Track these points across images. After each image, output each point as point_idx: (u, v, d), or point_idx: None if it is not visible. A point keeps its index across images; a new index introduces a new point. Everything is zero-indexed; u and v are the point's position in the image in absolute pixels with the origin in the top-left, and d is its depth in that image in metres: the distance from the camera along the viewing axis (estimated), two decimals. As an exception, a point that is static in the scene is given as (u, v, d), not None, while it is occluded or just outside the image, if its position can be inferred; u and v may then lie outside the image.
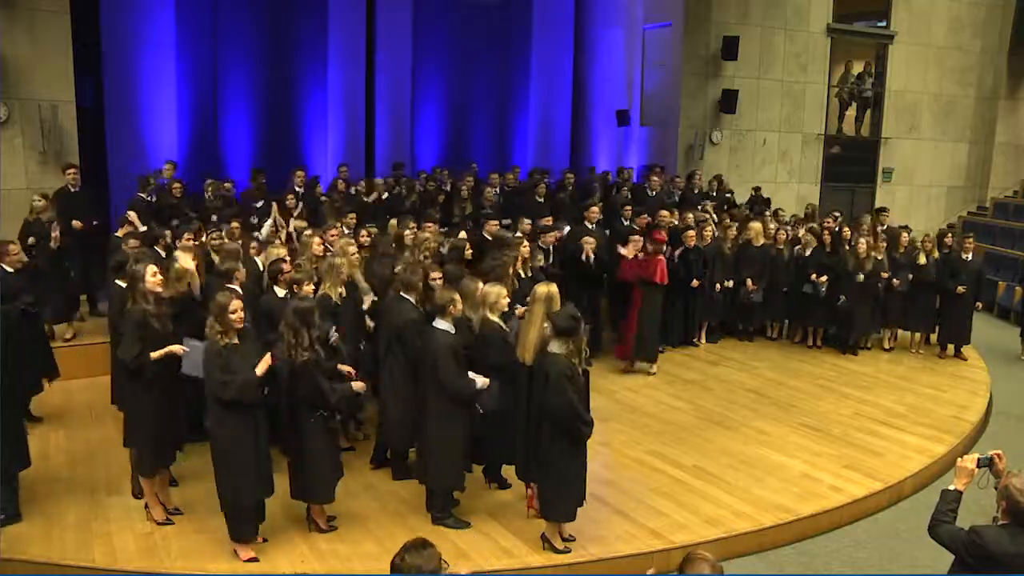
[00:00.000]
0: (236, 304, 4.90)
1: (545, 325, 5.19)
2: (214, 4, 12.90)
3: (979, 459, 3.54)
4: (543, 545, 5.32)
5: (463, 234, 8.48)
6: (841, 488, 6.39)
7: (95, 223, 9.26)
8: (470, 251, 7.78)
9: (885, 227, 11.03)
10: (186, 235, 7.18)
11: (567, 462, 5.09)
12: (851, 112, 16.32)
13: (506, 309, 5.82)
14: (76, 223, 8.83)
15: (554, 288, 5.53)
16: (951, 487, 3.60)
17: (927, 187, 16.92)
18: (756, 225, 10.47)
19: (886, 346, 10.45)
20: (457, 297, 5.49)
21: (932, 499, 6.45)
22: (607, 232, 9.92)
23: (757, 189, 13.60)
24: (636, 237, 8.95)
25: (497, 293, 5.72)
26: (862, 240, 9.84)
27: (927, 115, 16.63)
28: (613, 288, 9.61)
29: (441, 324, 5.39)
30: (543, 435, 5.09)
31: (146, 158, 11.46)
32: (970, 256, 10.20)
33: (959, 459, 3.65)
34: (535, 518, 5.49)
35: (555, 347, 5.00)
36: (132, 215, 8.40)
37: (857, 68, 16.23)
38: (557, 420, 4.98)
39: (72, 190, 9.17)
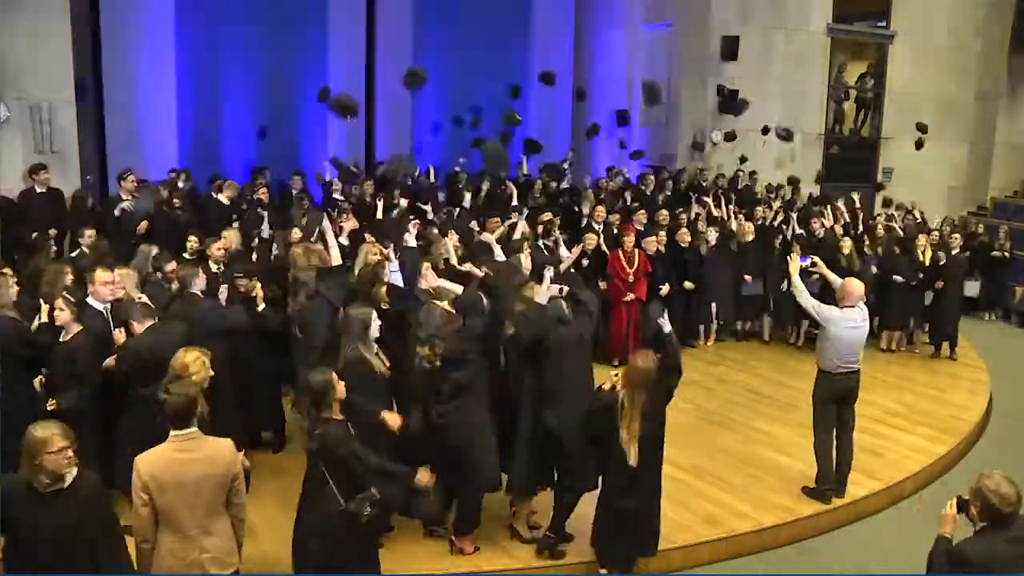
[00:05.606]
0: None
1: None
2: (214, 4, 12.90)
3: (958, 503, 3.62)
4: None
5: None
6: (841, 488, 6.39)
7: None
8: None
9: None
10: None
11: None
12: (851, 112, 16.30)
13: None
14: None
15: None
16: (941, 533, 3.63)
17: (927, 187, 16.90)
18: (747, 225, 10.51)
19: (883, 346, 10.42)
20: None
21: (932, 499, 6.52)
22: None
23: (792, 183, 13.52)
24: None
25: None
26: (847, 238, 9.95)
27: (927, 115, 16.61)
28: None
29: None
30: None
31: (146, 158, 11.44)
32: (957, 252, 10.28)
33: (947, 506, 3.67)
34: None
35: None
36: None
37: (857, 68, 16.22)
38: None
39: (38, 191, 8.92)
